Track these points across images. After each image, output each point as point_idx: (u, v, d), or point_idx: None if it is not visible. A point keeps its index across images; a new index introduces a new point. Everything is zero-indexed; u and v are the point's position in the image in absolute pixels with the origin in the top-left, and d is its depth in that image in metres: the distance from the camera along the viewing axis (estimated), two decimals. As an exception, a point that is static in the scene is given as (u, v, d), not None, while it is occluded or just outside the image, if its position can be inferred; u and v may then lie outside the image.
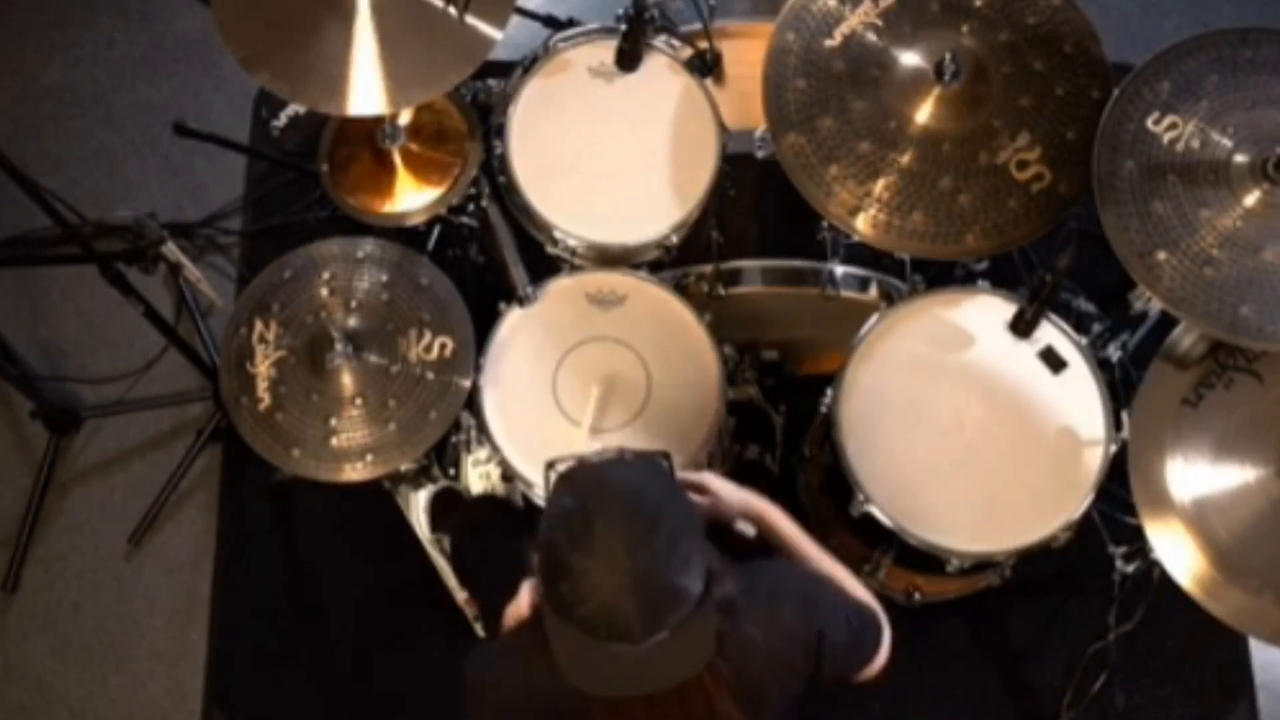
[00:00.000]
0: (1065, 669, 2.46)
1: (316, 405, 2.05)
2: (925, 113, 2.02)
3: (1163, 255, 1.81)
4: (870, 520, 1.98)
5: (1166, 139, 1.86)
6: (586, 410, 2.03)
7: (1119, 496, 1.98)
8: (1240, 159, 1.83)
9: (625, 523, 1.32)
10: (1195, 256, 1.81)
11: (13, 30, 3.11)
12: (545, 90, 2.24)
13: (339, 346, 2.03)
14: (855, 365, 2.05)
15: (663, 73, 2.25)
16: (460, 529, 2.31)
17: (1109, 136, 1.88)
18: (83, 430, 2.73)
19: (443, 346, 2.08)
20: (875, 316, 2.09)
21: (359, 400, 2.05)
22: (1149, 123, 1.87)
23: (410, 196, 2.21)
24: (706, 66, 2.26)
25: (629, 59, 2.23)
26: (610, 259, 2.18)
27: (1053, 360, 2.04)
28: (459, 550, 2.31)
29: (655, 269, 2.20)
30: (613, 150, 2.20)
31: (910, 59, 2.05)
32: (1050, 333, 2.06)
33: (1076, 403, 2.02)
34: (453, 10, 1.97)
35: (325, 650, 2.57)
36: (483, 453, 2.30)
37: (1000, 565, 2.20)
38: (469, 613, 2.34)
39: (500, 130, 2.22)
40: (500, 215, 2.23)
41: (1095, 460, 1.98)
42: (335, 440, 2.04)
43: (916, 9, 2.09)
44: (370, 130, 2.21)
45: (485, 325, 2.13)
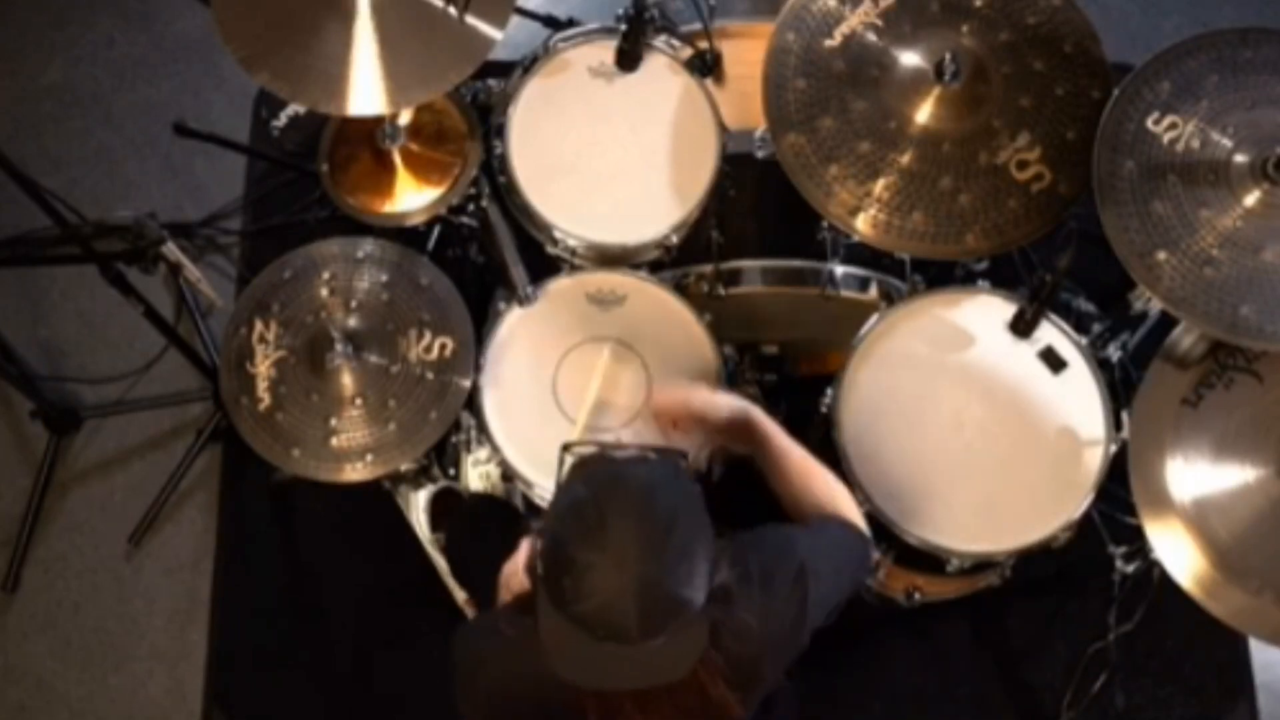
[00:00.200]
0: (1065, 669, 2.46)
1: (316, 405, 2.05)
2: (925, 113, 2.02)
3: (1163, 255, 1.81)
4: (870, 520, 1.98)
5: (1166, 139, 1.87)
6: (586, 411, 2.03)
7: (1119, 496, 1.98)
8: (1240, 159, 1.83)
9: (639, 526, 1.30)
10: (1195, 256, 1.81)
11: (13, 30, 3.11)
12: (545, 90, 2.24)
13: (339, 346, 2.03)
14: (855, 365, 2.05)
15: (663, 73, 2.25)
16: (459, 528, 2.31)
17: (1109, 136, 1.88)
18: (83, 430, 2.73)
19: (443, 346, 2.08)
20: (875, 316, 2.09)
21: (359, 400, 2.05)
22: (1149, 123, 1.87)
23: (410, 196, 2.21)
24: (706, 66, 2.26)
25: (629, 59, 2.23)
26: (610, 259, 2.18)
27: (1053, 360, 2.04)
28: (458, 550, 2.31)
29: (655, 269, 2.20)
30: (613, 150, 2.20)
31: (910, 59, 2.05)
32: (1050, 333, 2.06)
33: (1076, 403, 2.02)
34: (453, 10, 1.97)
35: (325, 650, 2.57)
36: (483, 453, 2.30)
37: (1000, 565, 2.20)
38: (469, 613, 2.34)
39: (500, 130, 2.22)
40: (500, 215, 2.23)
41: (1095, 460, 1.98)
42: (335, 440, 2.04)
43: (916, 9, 2.09)
44: (370, 130, 2.21)
45: (485, 325, 2.13)
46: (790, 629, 1.53)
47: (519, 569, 1.71)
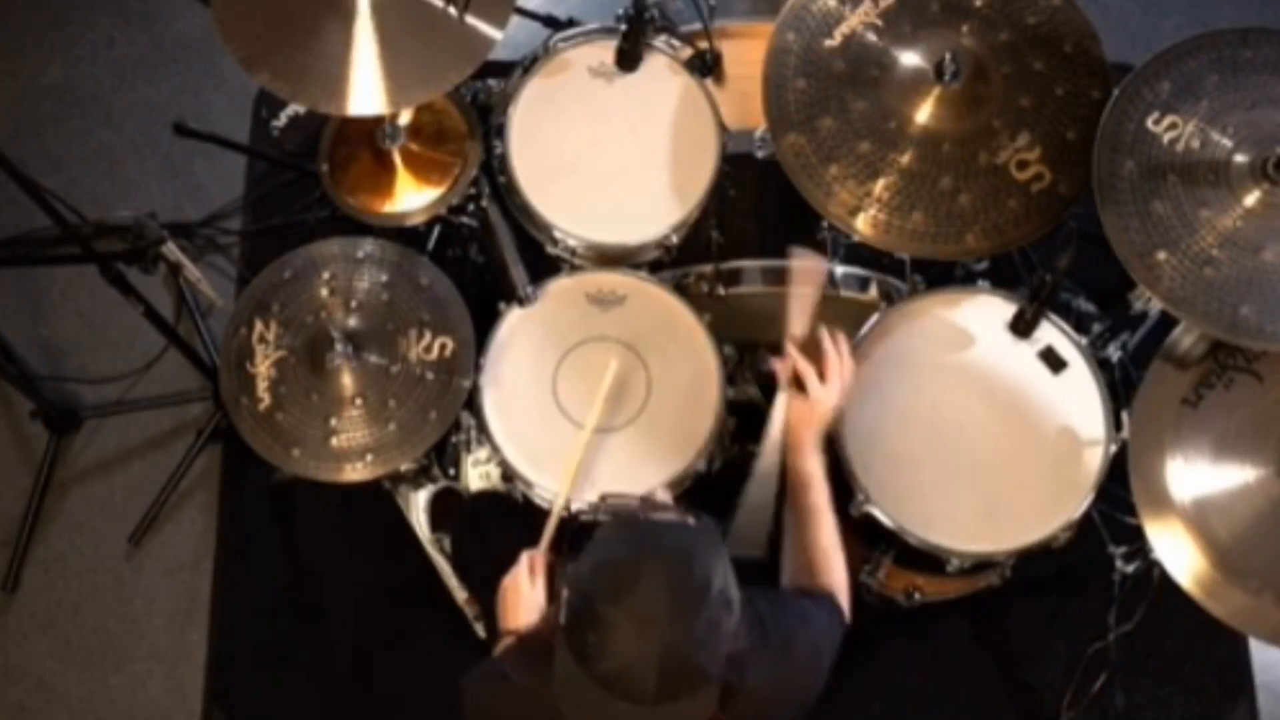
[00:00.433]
0: (1065, 669, 2.46)
1: (316, 405, 2.05)
2: (925, 113, 2.02)
3: (1163, 255, 1.81)
4: (870, 520, 1.98)
5: (1166, 139, 1.86)
6: (595, 415, 2.02)
7: (1119, 496, 1.98)
8: (1240, 159, 1.83)
9: (671, 593, 1.29)
10: (1195, 256, 1.81)
11: (13, 30, 3.11)
12: (545, 90, 2.24)
13: (339, 346, 2.03)
14: (855, 365, 2.04)
15: (663, 73, 2.25)
16: (460, 528, 2.31)
17: (1109, 136, 1.88)
18: (83, 430, 2.73)
19: (443, 346, 2.08)
20: (875, 316, 2.09)
21: (359, 400, 2.05)
22: (1149, 123, 1.87)
23: (410, 196, 2.21)
24: (706, 66, 2.26)
25: (629, 59, 2.23)
26: (610, 259, 2.18)
27: (1053, 360, 2.04)
28: (459, 550, 2.31)
29: (655, 269, 2.20)
30: (613, 150, 2.20)
31: (910, 59, 2.05)
32: (1050, 333, 2.06)
33: (1076, 403, 2.02)
34: (453, 10, 1.97)
35: (325, 650, 2.57)
36: (483, 453, 2.29)
37: (1000, 565, 2.20)
38: (469, 613, 2.34)
39: (500, 130, 2.22)
40: (500, 215, 2.23)
41: (1095, 460, 1.98)
42: (335, 440, 2.04)
43: (916, 9, 2.09)
44: (370, 130, 2.21)
45: (485, 325, 2.13)
46: (800, 694, 1.54)
47: (518, 582, 1.73)
